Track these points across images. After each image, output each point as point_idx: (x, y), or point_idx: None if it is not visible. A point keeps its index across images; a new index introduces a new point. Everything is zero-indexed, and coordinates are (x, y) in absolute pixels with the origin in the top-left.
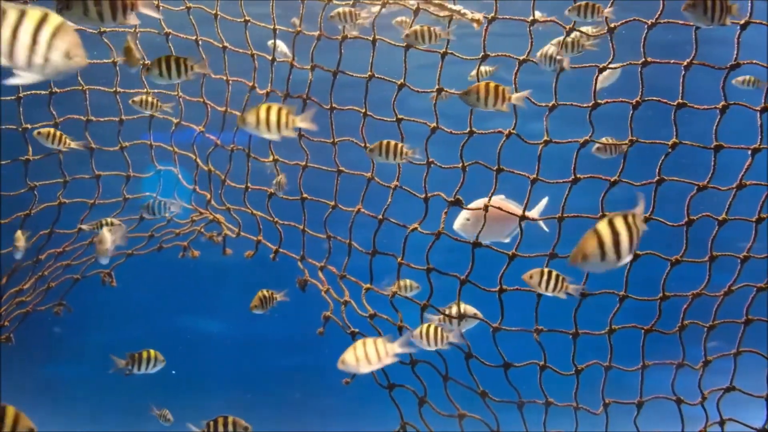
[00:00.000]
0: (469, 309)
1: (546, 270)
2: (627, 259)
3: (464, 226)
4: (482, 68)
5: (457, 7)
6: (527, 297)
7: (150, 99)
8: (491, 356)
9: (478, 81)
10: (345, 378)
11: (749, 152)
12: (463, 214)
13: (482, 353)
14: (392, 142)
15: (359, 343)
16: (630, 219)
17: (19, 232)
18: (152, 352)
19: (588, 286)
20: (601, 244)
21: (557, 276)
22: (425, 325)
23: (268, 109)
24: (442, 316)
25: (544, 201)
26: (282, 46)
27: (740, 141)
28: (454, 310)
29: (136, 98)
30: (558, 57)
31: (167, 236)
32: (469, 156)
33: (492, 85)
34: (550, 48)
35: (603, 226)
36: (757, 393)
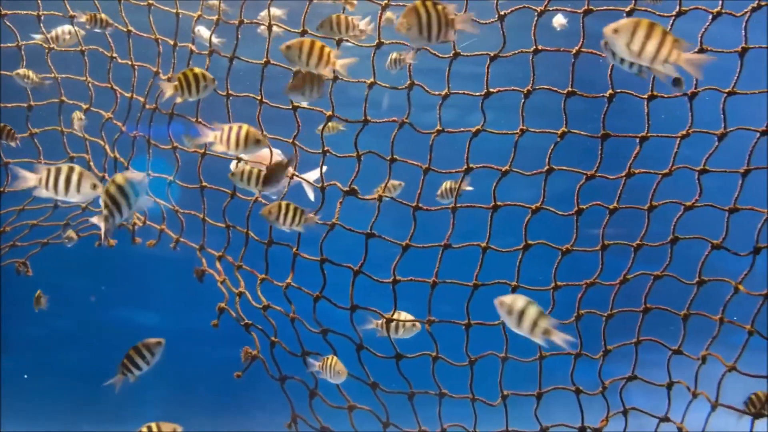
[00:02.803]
0: (408, 316)
1: (284, 203)
2: None
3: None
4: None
5: None
6: (424, 288)
7: (30, 74)
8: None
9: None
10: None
11: (637, 141)
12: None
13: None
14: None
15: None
16: None
17: None
18: None
19: (482, 276)
20: None
21: (295, 209)
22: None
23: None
24: (380, 321)
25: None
26: (203, 32)
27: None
28: (395, 316)
29: (20, 71)
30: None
31: (83, 224)
32: (412, 148)
33: (318, 44)
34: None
35: None
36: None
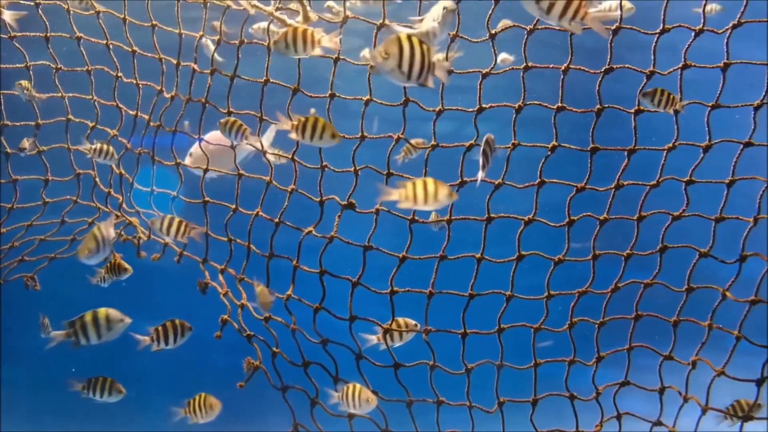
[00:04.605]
0: (410, 322)
1: (169, 217)
2: None
3: (193, 161)
4: None
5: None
6: (422, 296)
7: (30, 87)
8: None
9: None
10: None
11: (625, 153)
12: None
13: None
14: None
15: None
16: None
17: None
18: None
19: (477, 287)
20: None
21: (179, 222)
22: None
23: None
24: (380, 334)
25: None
26: (211, 45)
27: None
28: (394, 325)
29: (23, 82)
30: None
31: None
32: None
33: (301, 29)
34: None
35: None
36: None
